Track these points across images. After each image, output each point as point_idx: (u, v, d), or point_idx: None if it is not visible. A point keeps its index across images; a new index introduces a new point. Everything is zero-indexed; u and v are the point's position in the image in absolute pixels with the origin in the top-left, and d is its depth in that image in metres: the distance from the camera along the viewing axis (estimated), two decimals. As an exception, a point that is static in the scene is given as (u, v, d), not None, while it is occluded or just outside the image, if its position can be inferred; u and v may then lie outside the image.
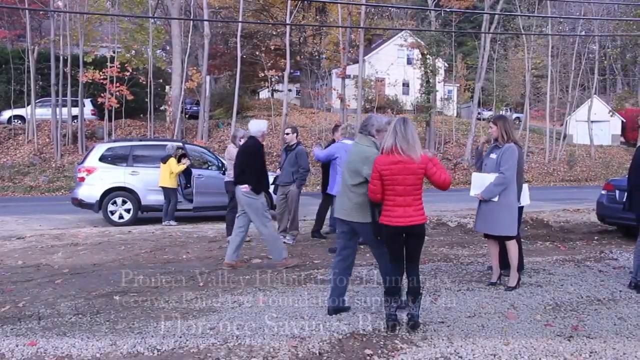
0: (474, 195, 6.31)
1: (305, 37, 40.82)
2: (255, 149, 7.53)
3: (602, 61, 38.21)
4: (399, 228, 4.88)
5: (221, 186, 10.61)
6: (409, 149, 4.80)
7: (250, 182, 7.36)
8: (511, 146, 6.19)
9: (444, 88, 42.06)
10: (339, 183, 8.53)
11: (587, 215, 13.44)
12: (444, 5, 30.44)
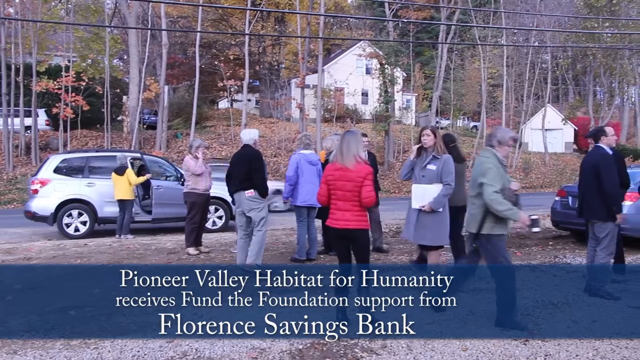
0: (418, 207, 6.29)
1: (265, 47, 40.81)
2: (257, 155, 7.94)
3: (554, 71, 39.19)
4: (339, 230, 5.27)
5: (180, 197, 10.51)
6: (343, 159, 5.17)
7: (257, 187, 7.77)
8: (449, 157, 6.36)
9: (402, 97, 42.46)
10: (304, 193, 8.58)
11: (542, 221, 13.69)
12: (401, 16, 30.85)
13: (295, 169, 8.62)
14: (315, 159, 8.67)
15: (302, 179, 8.54)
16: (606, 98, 37.91)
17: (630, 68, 34.90)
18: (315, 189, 8.49)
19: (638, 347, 4.83)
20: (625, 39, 28.63)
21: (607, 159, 6.57)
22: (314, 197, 8.51)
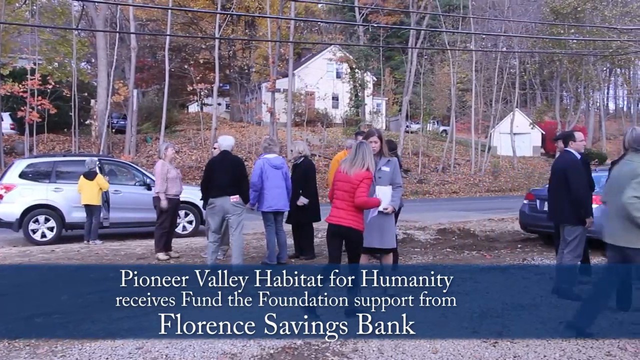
0: (383, 209, 6.31)
1: (235, 51, 40.67)
2: (240, 162, 8.28)
3: (522, 76, 39.79)
4: (333, 226, 5.71)
5: (144, 202, 10.46)
6: (349, 167, 5.67)
7: (243, 193, 8.05)
8: (396, 159, 6.64)
9: (372, 101, 42.66)
10: (269, 198, 8.55)
11: (511, 224, 13.87)
12: (371, 21, 31.06)
13: (259, 174, 8.54)
14: (280, 162, 8.58)
15: (267, 183, 8.49)
16: (572, 103, 38.66)
17: (595, 74, 35.62)
18: (281, 193, 8.47)
19: (603, 347, 4.91)
20: (590, 45, 29.19)
21: (575, 164, 6.68)
22: (280, 202, 8.49)
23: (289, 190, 8.63)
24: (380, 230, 6.19)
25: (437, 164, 34.10)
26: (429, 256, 10.11)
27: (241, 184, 8.06)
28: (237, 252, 8.17)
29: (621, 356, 4.72)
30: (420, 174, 31.76)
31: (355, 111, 34.98)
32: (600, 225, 8.49)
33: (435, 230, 13.17)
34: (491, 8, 38.20)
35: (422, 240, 12.17)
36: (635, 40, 25.33)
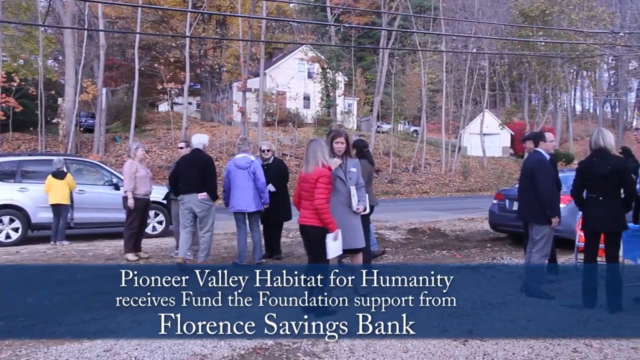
0: (356, 210, 6.32)
1: (206, 50, 40.41)
2: (211, 160, 8.40)
3: (492, 77, 40.21)
4: (300, 226, 5.87)
5: (111, 202, 10.32)
6: (305, 167, 5.78)
7: (210, 190, 8.21)
8: (357, 161, 6.63)
9: (344, 102, 42.76)
10: (234, 199, 8.49)
11: (480, 223, 14.01)
12: (343, 21, 31.10)
13: (226, 174, 8.62)
14: (245, 162, 8.44)
15: (233, 184, 8.47)
16: (540, 104, 39.17)
17: (563, 75, 36.16)
18: (246, 194, 8.41)
19: (569, 344, 4.98)
20: (557, 47, 29.59)
21: (544, 164, 6.76)
22: (244, 203, 8.42)
23: (259, 190, 8.52)
24: (349, 230, 6.19)
25: (408, 164, 34.30)
26: (400, 256, 10.16)
27: (208, 182, 8.20)
28: (202, 250, 8.31)
29: (587, 352, 4.78)
30: (391, 174, 31.92)
31: (327, 111, 35.02)
32: (568, 225, 8.68)
33: (406, 230, 13.24)
34: (461, 10, 38.58)
35: (393, 240, 12.22)
36: (600, 44, 25.75)
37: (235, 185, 8.44)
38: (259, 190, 8.47)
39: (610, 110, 64.76)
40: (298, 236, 11.48)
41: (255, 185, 8.40)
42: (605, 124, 52.57)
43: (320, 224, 5.65)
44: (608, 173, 6.03)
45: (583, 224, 6.44)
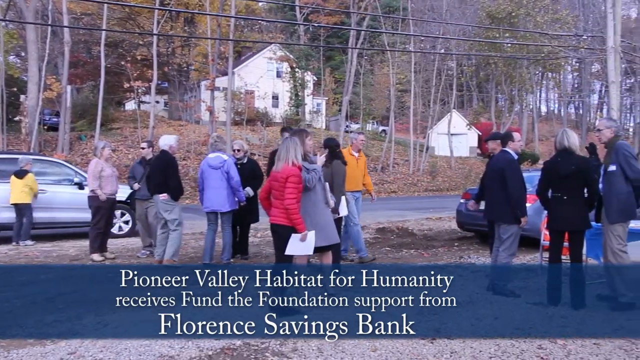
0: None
1: (174, 48, 40.00)
2: (170, 162, 8.40)
3: (459, 78, 40.61)
4: (271, 224, 5.85)
5: (73, 202, 10.15)
6: (276, 164, 5.75)
7: (170, 191, 8.25)
8: None
9: (312, 101, 42.77)
10: (207, 199, 8.43)
11: (448, 223, 14.14)
12: (312, 20, 31.09)
13: (200, 174, 8.57)
14: (218, 162, 8.38)
15: (205, 183, 8.43)
16: (507, 104, 39.68)
17: (529, 77, 36.71)
18: (218, 194, 8.36)
19: (534, 341, 5.05)
20: (523, 49, 30.02)
21: (512, 164, 6.84)
22: (217, 203, 8.37)
23: (233, 189, 8.46)
24: (323, 227, 6.19)
25: (377, 163, 34.44)
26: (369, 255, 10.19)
27: (169, 182, 8.26)
28: (170, 248, 8.31)
29: (551, 349, 4.86)
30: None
31: (295, 111, 34.96)
32: (533, 224, 8.81)
33: (375, 229, 13.29)
34: (430, 11, 38.87)
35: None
36: (564, 46, 26.20)
37: (209, 185, 8.39)
38: (233, 189, 8.41)
39: (574, 112, 65.91)
40: (267, 236, 11.47)
41: (228, 184, 8.35)
42: (569, 124, 53.50)
43: (290, 223, 5.65)
44: (572, 173, 6.14)
45: (548, 223, 6.54)
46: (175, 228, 8.30)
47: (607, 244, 6.37)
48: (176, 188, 8.39)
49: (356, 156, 9.07)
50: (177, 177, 8.49)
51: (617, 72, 15.41)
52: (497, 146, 8.12)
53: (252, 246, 10.76)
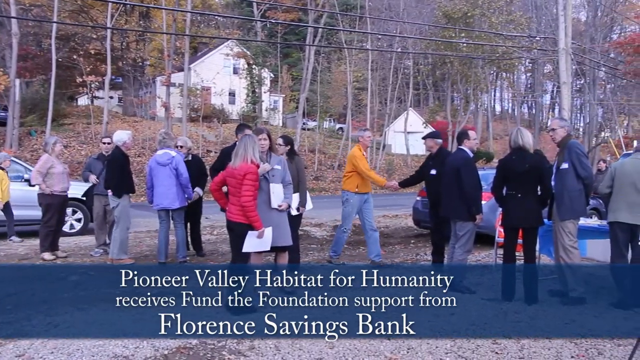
0: (278, 207, 6.29)
1: (128, 43, 39.31)
2: (115, 158, 8.40)
3: (416, 77, 41.04)
4: (227, 221, 5.85)
5: (21, 199, 10.44)
6: (233, 161, 5.71)
7: (112, 188, 8.33)
8: (282, 157, 6.70)
9: (269, 98, 42.63)
10: (156, 196, 8.29)
11: (404, 220, 14.25)
12: (270, 17, 30.93)
13: (148, 171, 8.43)
14: (166, 159, 8.24)
15: (155, 181, 8.29)
16: (462, 103, 40.24)
17: (483, 76, 37.28)
18: (167, 191, 8.24)
19: (489, 336, 5.12)
20: (478, 49, 30.46)
21: (468, 162, 6.91)
22: (166, 200, 8.25)
23: (182, 186, 8.35)
24: (275, 228, 6.15)
25: (334, 161, 34.52)
26: (326, 253, 10.18)
27: (114, 178, 8.33)
28: (113, 247, 8.31)
29: (506, 344, 4.93)
30: (317, 171, 32.06)
31: (252, 108, 34.76)
32: (488, 221, 8.94)
33: (332, 227, 13.32)
34: (387, 9, 39.13)
35: (319, 237, 12.28)
36: (518, 47, 26.71)
37: (158, 182, 8.24)
38: (182, 186, 8.30)
39: (527, 111, 67.28)
40: (223, 233, 11.37)
41: (178, 181, 8.23)
42: (522, 124, 54.48)
43: (247, 221, 5.59)
44: (526, 170, 6.25)
45: (503, 220, 6.64)
46: (119, 226, 8.29)
47: (558, 240, 6.52)
48: (119, 184, 8.36)
49: (366, 155, 8.93)
50: (120, 173, 8.40)
51: (568, 73, 15.79)
52: (434, 144, 8.24)
53: (209, 244, 10.66)
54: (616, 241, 6.53)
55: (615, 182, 6.54)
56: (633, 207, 6.35)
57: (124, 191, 8.36)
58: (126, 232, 8.45)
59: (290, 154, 7.84)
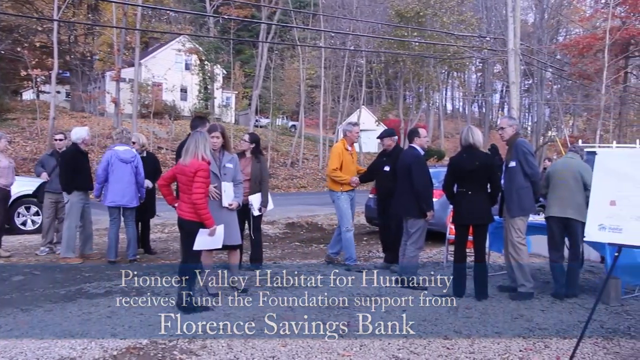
0: (228, 205, 6.23)
1: (76, 36, 38.33)
2: (66, 155, 8.41)
3: (368, 75, 41.25)
4: (178, 219, 5.71)
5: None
6: (183, 158, 5.58)
7: (62, 183, 8.29)
8: (236, 156, 6.67)
9: (222, 95, 42.23)
10: (113, 193, 8.11)
11: (357, 218, 14.28)
12: (222, 13, 30.62)
13: (104, 166, 8.19)
14: (130, 156, 8.16)
15: (112, 177, 8.11)
16: (414, 102, 40.66)
17: (435, 75, 37.77)
18: (127, 189, 8.10)
19: (441, 331, 5.18)
20: (430, 48, 30.83)
21: (419, 159, 6.98)
22: (124, 198, 8.11)
23: (139, 185, 8.24)
24: (226, 227, 6.09)
25: (286, 158, 34.44)
26: (278, 250, 10.17)
27: (65, 175, 8.29)
28: (63, 243, 8.23)
29: (456, 339, 4.99)
30: (270, 168, 31.92)
31: (205, 104, 34.35)
32: (439, 218, 9.05)
33: (284, 225, 13.29)
34: (340, 7, 39.23)
35: (271, 235, 12.24)
36: (469, 47, 27.16)
37: (116, 179, 8.07)
38: (138, 185, 8.20)
39: (478, 110, 68.52)
40: (174, 231, 11.20)
41: (135, 179, 8.13)
42: (473, 122, 55.37)
43: (198, 219, 5.50)
44: (476, 168, 6.34)
45: (453, 217, 6.73)
46: (68, 225, 8.21)
47: (507, 237, 6.65)
48: (62, 181, 8.34)
49: (350, 150, 8.49)
50: (86, 171, 8.41)
51: (517, 73, 16.12)
52: (392, 142, 8.32)
53: (160, 242, 10.51)
54: (551, 236, 6.85)
55: (550, 180, 6.80)
56: (563, 201, 6.65)
57: (73, 188, 8.21)
58: (74, 229, 8.28)
59: (256, 153, 7.80)
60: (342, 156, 8.24)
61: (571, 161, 6.88)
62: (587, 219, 4.56)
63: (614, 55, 26.08)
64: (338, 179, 8.16)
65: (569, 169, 6.76)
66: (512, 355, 4.66)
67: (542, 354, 4.70)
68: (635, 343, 5.05)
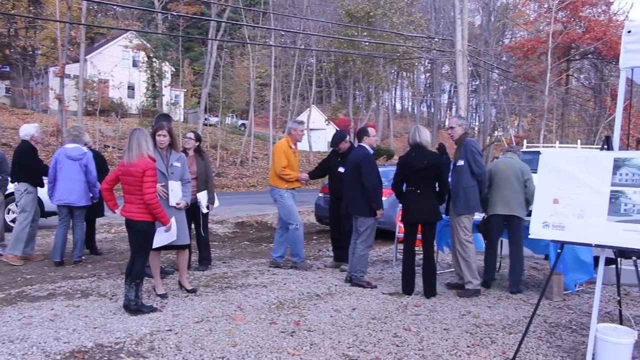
0: (176, 205, 6.13)
1: (17, 29, 37.17)
2: (19, 151, 8.25)
3: (319, 74, 41.33)
4: (126, 219, 5.50)
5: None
6: (127, 158, 5.40)
7: (32, 180, 8.18)
8: (184, 154, 6.60)
9: (170, 93, 41.63)
10: (60, 191, 7.88)
11: (307, 216, 14.30)
12: (171, 9, 30.16)
13: (53, 164, 7.96)
14: (78, 153, 7.95)
15: (60, 174, 7.88)
16: (364, 101, 40.94)
17: (385, 75, 38.12)
18: (75, 187, 7.90)
19: (390, 329, 5.21)
20: (380, 48, 31.10)
21: (368, 158, 7.00)
22: (72, 196, 7.91)
23: (90, 184, 8.02)
24: (181, 226, 6.00)
25: (236, 157, 34.21)
26: (227, 249, 10.08)
27: (31, 172, 8.18)
28: (14, 238, 8.07)
29: (406, 336, 5.03)
30: (219, 167, 31.65)
31: (153, 102, 33.74)
32: (389, 217, 9.13)
33: (234, 224, 13.19)
34: (291, 6, 39.17)
35: (220, 234, 12.13)
36: (418, 47, 27.52)
37: (64, 176, 7.85)
38: (89, 184, 7.99)
39: (427, 110, 69.51)
40: (121, 231, 10.99)
41: (86, 178, 7.92)
42: (422, 122, 56.29)
43: (150, 219, 5.42)
44: (425, 167, 6.41)
45: (402, 216, 6.78)
46: (20, 222, 8.04)
47: (454, 235, 6.76)
48: (32, 177, 8.20)
49: (293, 149, 8.42)
50: (40, 166, 8.28)
51: (465, 73, 16.41)
52: (347, 144, 8.40)
53: (106, 242, 10.30)
54: (491, 232, 7.12)
55: (492, 179, 6.95)
56: (507, 199, 6.86)
57: (41, 185, 8.25)
58: (25, 225, 8.10)
59: (199, 150, 7.72)
60: (287, 153, 8.20)
61: (512, 161, 7.06)
62: (531, 217, 4.65)
63: (557, 58, 26.88)
64: (287, 177, 8.14)
65: (511, 168, 6.93)
66: (460, 351, 4.72)
67: (489, 350, 4.77)
68: (575, 336, 5.20)
